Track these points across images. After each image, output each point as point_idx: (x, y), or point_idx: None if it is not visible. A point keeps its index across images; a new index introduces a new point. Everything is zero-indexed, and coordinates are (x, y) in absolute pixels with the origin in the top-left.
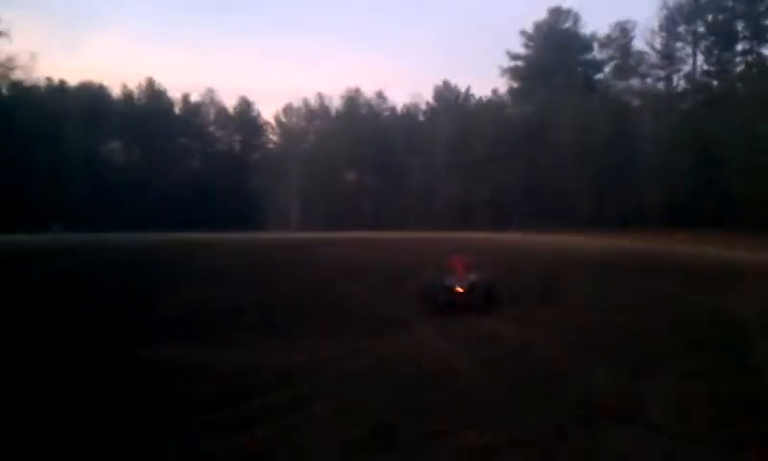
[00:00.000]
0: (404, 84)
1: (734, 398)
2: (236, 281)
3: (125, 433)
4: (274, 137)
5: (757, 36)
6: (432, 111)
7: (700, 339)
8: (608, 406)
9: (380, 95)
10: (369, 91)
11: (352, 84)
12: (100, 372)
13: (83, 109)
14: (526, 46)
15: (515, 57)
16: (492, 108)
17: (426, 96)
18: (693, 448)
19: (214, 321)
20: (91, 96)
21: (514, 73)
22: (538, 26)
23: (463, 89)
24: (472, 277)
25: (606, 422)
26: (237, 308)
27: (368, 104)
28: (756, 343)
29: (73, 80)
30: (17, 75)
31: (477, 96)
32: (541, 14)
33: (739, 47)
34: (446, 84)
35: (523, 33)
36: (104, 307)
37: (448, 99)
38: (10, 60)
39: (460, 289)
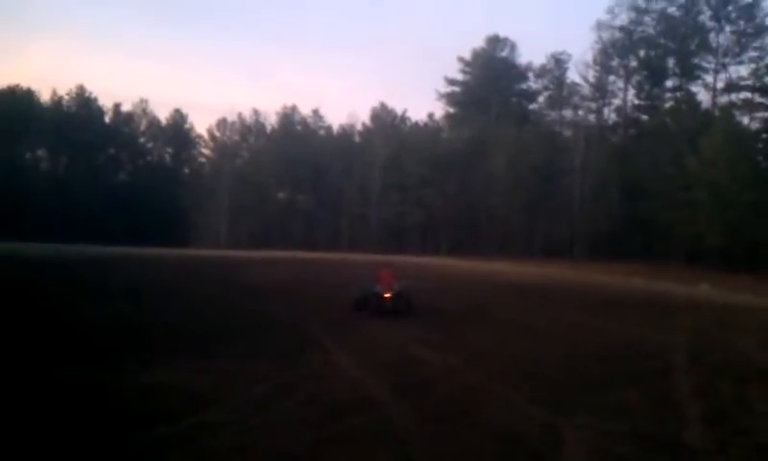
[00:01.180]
0: (341, 103)
1: (653, 438)
2: (156, 298)
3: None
4: (206, 151)
5: (687, 73)
6: (368, 133)
7: (624, 372)
8: (527, 442)
9: (317, 113)
10: (305, 109)
11: (289, 102)
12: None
13: (8, 113)
14: (463, 72)
15: (451, 82)
16: (427, 132)
17: (363, 117)
18: None
19: (128, 339)
20: (18, 101)
21: (450, 98)
22: (475, 53)
23: (399, 112)
24: (396, 287)
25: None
26: (155, 325)
27: (303, 122)
28: (678, 378)
29: (0, 83)
30: None
31: (414, 120)
32: (479, 42)
33: (669, 83)
34: (383, 105)
35: (461, 59)
36: (12, 324)
37: (384, 121)
38: None
39: (388, 295)
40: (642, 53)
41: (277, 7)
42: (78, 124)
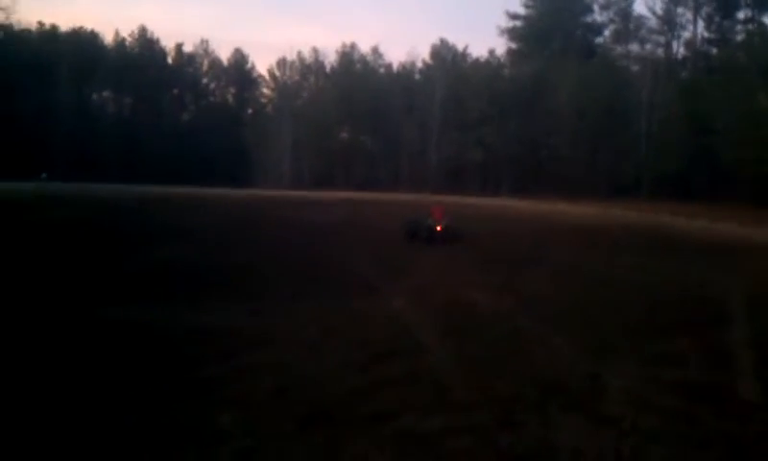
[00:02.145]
0: (401, 40)
1: (702, 387)
2: (215, 239)
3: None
4: (267, 92)
5: (759, 4)
6: (428, 70)
7: (679, 319)
8: (564, 390)
9: (376, 51)
10: (365, 47)
11: (348, 40)
12: (50, 332)
13: (74, 55)
14: (526, 6)
15: (514, 17)
16: (488, 68)
17: (423, 54)
18: (643, 446)
19: (181, 280)
20: (83, 43)
21: (512, 34)
22: None
23: (460, 48)
24: (445, 222)
25: (558, 409)
26: (210, 267)
27: (363, 60)
28: (735, 326)
29: (65, 25)
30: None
31: (474, 56)
32: None
33: (741, 15)
34: (444, 42)
35: None
36: (65, 265)
37: (445, 58)
38: None
39: (438, 228)
40: None
41: None
42: (141, 65)
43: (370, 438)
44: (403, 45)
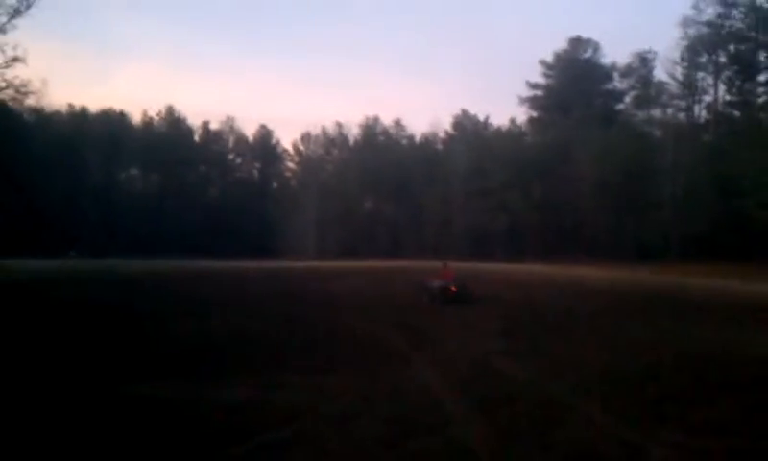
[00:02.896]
0: (423, 112)
1: (749, 455)
2: (240, 312)
3: None
4: (292, 165)
5: None
6: (450, 140)
7: (718, 383)
8: None
9: (398, 124)
10: (387, 119)
11: (371, 113)
12: (75, 410)
13: (103, 135)
14: (545, 75)
15: (534, 86)
16: (510, 136)
17: (445, 124)
18: None
19: (207, 355)
20: (112, 123)
21: (533, 102)
22: (557, 55)
23: (482, 118)
24: (460, 282)
25: None
26: (235, 341)
27: (386, 132)
28: None
29: (94, 107)
30: (30, 101)
31: (496, 125)
32: (562, 44)
33: (762, 77)
34: (465, 112)
35: (543, 62)
36: (90, 341)
37: (467, 127)
38: (23, 85)
39: (454, 288)
40: (732, 47)
41: (356, 20)
42: (168, 143)
43: None
44: (425, 116)
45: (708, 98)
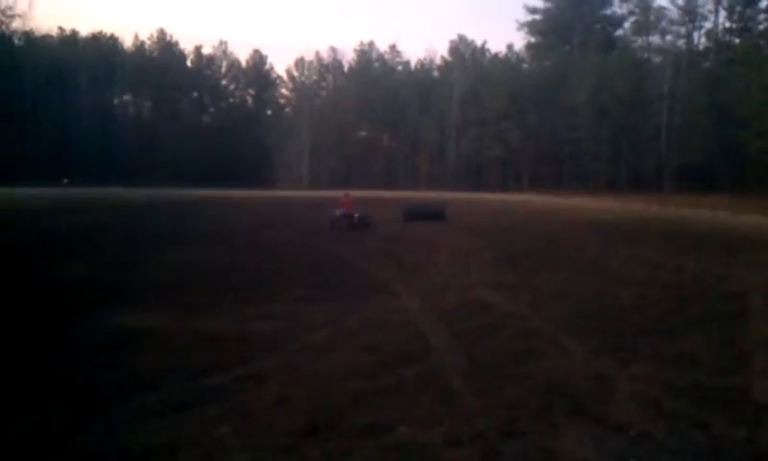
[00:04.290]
0: (419, 37)
1: (714, 391)
2: (231, 242)
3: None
4: (286, 92)
5: None
6: (446, 67)
7: (696, 316)
8: (575, 394)
9: (394, 49)
10: (383, 45)
11: (366, 38)
12: (59, 339)
13: (94, 60)
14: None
15: (532, 10)
16: (508, 63)
17: (441, 51)
18: (652, 455)
19: (196, 285)
20: (103, 47)
21: (531, 27)
22: None
23: (479, 44)
24: (360, 210)
25: (565, 415)
26: (225, 271)
27: (381, 58)
28: (754, 323)
29: (84, 30)
30: (16, 24)
31: (493, 51)
32: None
33: (763, 4)
34: (462, 38)
35: None
36: (88, 267)
37: (463, 54)
38: (8, 7)
39: (357, 215)
40: None
41: None
42: (161, 68)
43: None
44: (421, 42)
45: (708, 25)
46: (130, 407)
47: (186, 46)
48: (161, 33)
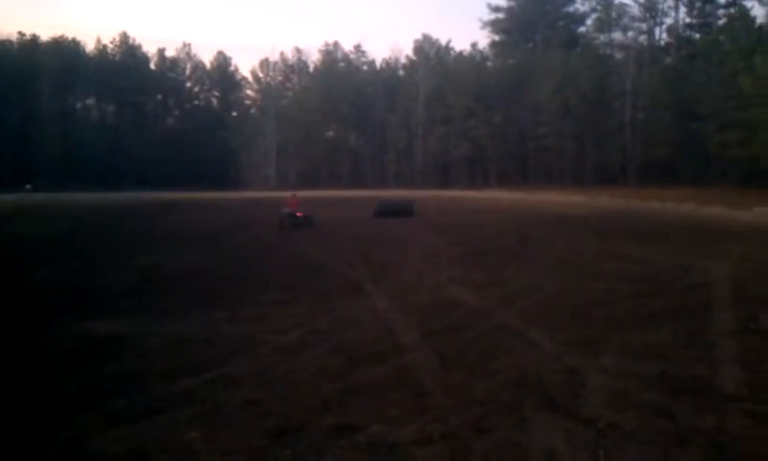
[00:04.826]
0: (384, 37)
1: (681, 381)
2: (199, 245)
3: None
4: (251, 93)
5: None
6: (412, 66)
7: (663, 308)
8: (544, 388)
9: (359, 49)
10: (347, 45)
11: (331, 38)
12: (23, 347)
13: (56, 64)
14: None
15: (495, 9)
16: (472, 62)
17: (406, 50)
18: (620, 446)
19: (165, 289)
20: (64, 51)
21: (495, 26)
22: None
23: (443, 43)
24: (304, 211)
25: (535, 409)
26: (195, 274)
27: (346, 58)
28: (718, 313)
29: (46, 34)
30: None
31: (458, 50)
32: None
33: (722, 0)
34: (426, 37)
35: None
36: (54, 273)
37: (428, 53)
38: None
39: (300, 214)
40: None
41: None
42: (124, 72)
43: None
44: (386, 42)
45: (669, 20)
46: (97, 414)
47: (149, 49)
48: (124, 36)
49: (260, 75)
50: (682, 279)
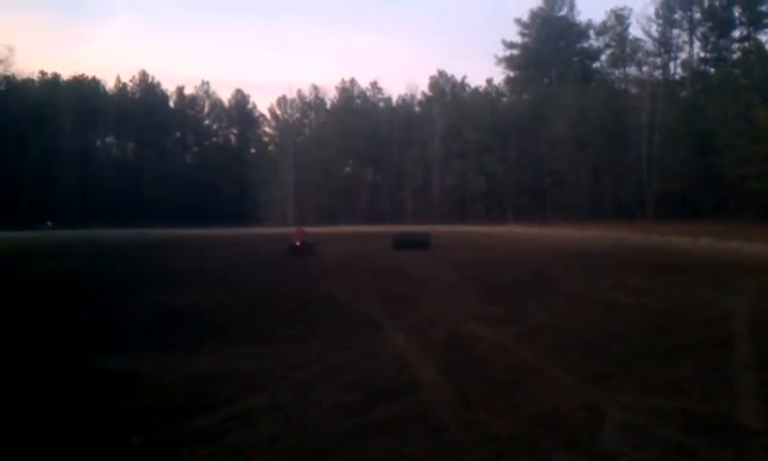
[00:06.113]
0: (400, 74)
1: (701, 417)
2: (218, 282)
3: None
4: (269, 130)
5: (754, 22)
6: (427, 102)
7: (682, 343)
8: (564, 424)
9: (375, 86)
10: (364, 82)
11: (347, 75)
12: (42, 383)
13: (76, 102)
14: (522, 34)
15: (510, 45)
16: (487, 97)
17: (422, 86)
18: None
19: (183, 326)
20: (85, 89)
21: (509, 62)
22: (533, 14)
23: (459, 79)
24: (307, 241)
25: (554, 446)
26: (212, 311)
27: (363, 95)
28: (738, 348)
29: (66, 73)
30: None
31: (473, 86)
32: (537, 2)
33: (736, 33)
34: (442, 73)
35: (518, 21)
36: (73, 310)
37: (444, 89)
38: None
39: (298, 243)
40: (706, 3)
41: None
42: (143, 110)
43: None
44: (402, 79)
45: (683, 55)
46: (116, 451)
47: (168, 87)
48: (143, 74)
49: (278, 112)
50: (700, 313)
